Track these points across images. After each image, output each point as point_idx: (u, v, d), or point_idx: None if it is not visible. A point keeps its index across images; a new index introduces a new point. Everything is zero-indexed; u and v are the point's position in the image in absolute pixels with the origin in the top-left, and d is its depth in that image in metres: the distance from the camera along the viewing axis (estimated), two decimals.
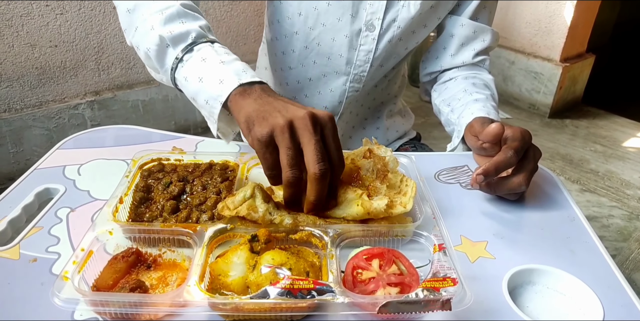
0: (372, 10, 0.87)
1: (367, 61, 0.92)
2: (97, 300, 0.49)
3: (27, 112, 1.88)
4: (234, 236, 0.59)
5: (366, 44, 0.90)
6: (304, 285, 0.48)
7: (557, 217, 0.71)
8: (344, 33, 0.89)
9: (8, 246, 0.60)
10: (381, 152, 0.71)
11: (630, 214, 1.97)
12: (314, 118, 0.58)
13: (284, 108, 0.60)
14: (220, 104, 0.66)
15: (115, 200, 0.62)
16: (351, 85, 0.95)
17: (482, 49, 0.96)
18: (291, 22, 0.90)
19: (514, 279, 0.58)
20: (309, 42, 0.91)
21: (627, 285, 0.59)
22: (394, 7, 0.87)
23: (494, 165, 0.66)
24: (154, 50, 0.72)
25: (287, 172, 0.57)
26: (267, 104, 0.62)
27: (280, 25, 0.92)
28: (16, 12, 1.73)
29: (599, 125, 2.67)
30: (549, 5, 2.53)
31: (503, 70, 2.81)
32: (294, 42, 0.92)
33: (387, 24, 0.88)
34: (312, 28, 0.90)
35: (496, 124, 0.71)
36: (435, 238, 0.58)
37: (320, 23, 0.89)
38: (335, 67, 0.94)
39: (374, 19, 0.87)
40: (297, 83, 0.98)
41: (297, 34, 0.91)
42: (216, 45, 0.72)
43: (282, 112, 0.59)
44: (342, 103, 0.98)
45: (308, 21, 0.89)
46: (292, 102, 0.62)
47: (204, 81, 0.68)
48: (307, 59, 0.94)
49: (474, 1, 0.92)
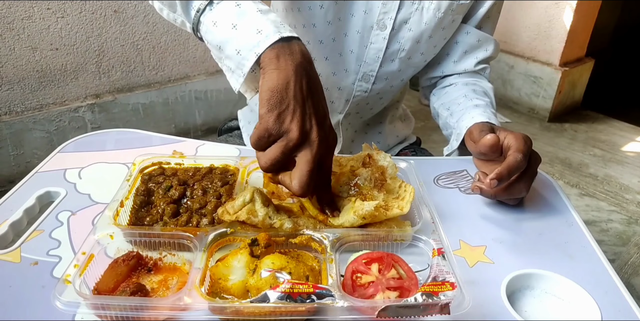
0: (385, 9, 0.87)
1: (377, 60, 0.92)
2: (98, 304, 0.49)
3: (28, 115, 1.89)
4: (234, 240, 0.59)
5: (377, 42, 0.90)
6: (303, 289, 0.48)
7: (556, 222, 0.71)
8: (356, 29, 0.89)
9: (9, 250, 0.61)
10: (381, 157, 0.71)
11: (629, 218, 1.97)
12: (322, 145, 0.58)
13: (307, 113, 0.58)
14: (256, 56, 0.59)
15: (116, 204, 0.63)
16: (359, 84, 0.95)
17: (484, 58, 0.97)
18: (312, 13, 0.87)
19: (512, 283, 0.58)
20: (326, 36, 0.90)
21: (624, 289, 0.59)
22: (407, 9, 0.87)
23: (506, 169, 0.67)
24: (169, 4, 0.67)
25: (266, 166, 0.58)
26: (296, 90, 0.58)
27: (300, 14, 0.89)
28: (17, 15, 1.74)
29: (598, 129, 2.68)
30: (548, 9, 2.54)
31: (502, 74, 2.82)
32: (310, 34, 0.90)
33: (398, 24, 0.88)
34: (330, 22, 0.88)
35: (491, 135, 0.72)
36: (434, 242, 0.58)
37: (337, 17, 0.88)
38: (346, 65, 0.93)
39: (385, 18, 0.87)
40: None
41: (314, 27, 0.89)
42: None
43: (303, 119, 0.57)
44: (349, 102, 0.98)
45: (328, 14, 0.87)
46: (317, 102, 0.60)
47: (239, 28, 0.61)
48: (320, 54, 0.92)
49: (481, 10, 0.93)
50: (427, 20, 0.88)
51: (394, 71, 0.94)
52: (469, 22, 0.94)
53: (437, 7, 0.86)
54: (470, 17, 0.94)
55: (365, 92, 0.96)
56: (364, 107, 1.01)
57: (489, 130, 0.77)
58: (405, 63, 0.94)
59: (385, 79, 0.95)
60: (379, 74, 0.94)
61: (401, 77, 0.97)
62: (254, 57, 0.60)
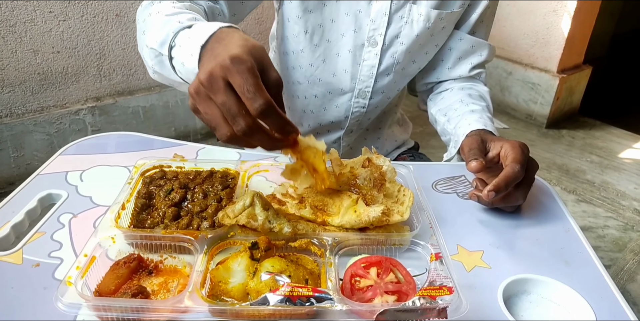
0: (374, 26, 0.88)
1: (371, 76, 0.93)
2: (99, 305, 0.50)
3: (29, 117, 1.89)
4: (234, 243, 0.60)
5: (369, 59, 0.91)
6: (303, 293, 0.48)
7: (552, 227, 0.72)
8: (347, 48, 0.91)
9: (11, 251, 0.61)
10: (380, 161, 0.72)
11: (625, 225, 1.98)
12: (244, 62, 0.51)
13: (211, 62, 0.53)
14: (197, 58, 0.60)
15: (118, 207, 0.63)
16: (356, 101, 0.96)
17: (479, 63, 0.97)
18: (297, 40, 0.91)
19: (509, 288, 0.59)
20: (315, 59, 0.93)
21: (619, 295, 0.60)
22: (396, 24, 0.88)
23: (504, 181, 0.67)
24: (156, 64, 0.70)
25: (233, 127, 0.52)
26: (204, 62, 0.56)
27: (288, 41, 0.93)
28: (20, 19, 1.75)
29: (595, 136, 2.69)
30: (546, 17, 2.56)
31: (500, 80, 2.84)
32: (300, 59, 0.93)
33: (389, 39, 0.89)
34: (317, 45, 0.91)
35: (475, 163, 0.71)
36: (432, 247, 0.59)
37: (325, 39, 0.90)
38: (340, 84, 0.95)
39: (376, 34, 0.89)
40: (305, 99, 0.99)
41: (302, 52, 0.92)
42: (193, 27, 0.66)
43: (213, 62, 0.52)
44: (348, 118, 0.99)
45: (314, 38, 0.90)
46: (227, 47, 0.55)
47: (185, 64, 0.63)
48: (313, 76, 0.95)
49: (473, 16, 0.93)
50: (418, 32, 0.88)
51: (389, 84, 0.96)
52: (461, 29, 0.95)
53: (427, 18, 0.87)
54: (462, 23, 0.94)
55: (363, 108, 0.98)
56: (363, 119, 1.03)
57: (478, 147, 0.75)
58: (399, 74, 0.95)
59: (382, 92, 0.97)
60: (375, 89, 0.95)
61: (397, 87, 0.99)
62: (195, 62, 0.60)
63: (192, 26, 0.66)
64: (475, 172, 0.73)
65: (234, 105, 0.51)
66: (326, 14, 0.88)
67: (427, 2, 0.86)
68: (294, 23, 0.89)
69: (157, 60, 0.70)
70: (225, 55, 0.52)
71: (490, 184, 0.67)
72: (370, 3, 0.86)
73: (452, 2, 0.88)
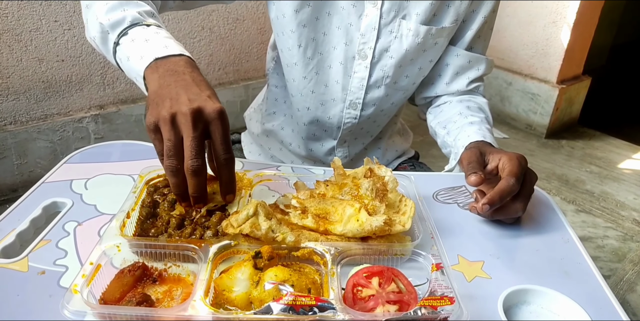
0: (364, 40, 0.90)
1: (361, 88, 0.94)
2: (104, 313, 0.50)
3: (32, 125, 1.91)
4: (237, 252, 0.61)
5: (359, 71, 0.93)
6: (306, 302, 0.49)
7: (552, 238, 0.73)
8: (339, 60, 0.93)
9: (17, 259, 0.62)
10: (382, 171, 0.73)
11: (624, 235, 1.98)
12: (197, 115, 0.61)
13: (175, 97, 0.62)
14: (142, 78, 0.69)
15: (123, 215, 0.64)
16: (348, 112, 0.98)
17: (477, 77, 0.98)
18: (291, 54, 0.93)
19: (509, 299, 0.59)
20: (307, 72, 0.94)
21: (619, 306, 0.60)
22: (385, 38, 0.90)
23: (498, 195, 0.67)
24: (98, 37, 0.76)
25: (165, 160, 0.61)
26: (166, 87, 0.64)
27: (282, 54, 0.95)
28: (26, 28, 1.77)
29: (594, 146, 2.70)
30: (546, 28, 2.59)
31: (500, 90, 2.86)
32: (293, 72, 0.95)
33: (379, 52, 0.91)
34: (310, 58, 0.93)
35: (474, 177, 0.71)
36: (433, 257, 0.60)
37: (318, 52, 0.92)
38: (332, 95, 0.96)
39: (365, 48, 0.90)
40: (297, 111, 1.01)
41: (296, 65, 0.94)
42: (152, 28, 0.73)
43: (172, 102, 0.61)
44: (340, 129, 1.01)
45: (307, 52, 0.92)
46: (190, 87, 0.64)
47: (130, 59, 0.71)
48: (306, 89, 0.96)
49: (469, 32, 0.93)
50: (407, 46, 0.90)
51: (381, 97, 0.96)
52: (458, 45, 0.95)
53: (416, 33, 0.88)
54: (458, 39, 0.95)
55: (355, 119, 0.99)
56: (359, 132, 1.04)
57: (477, 160, 0.75)
58: (391, 88, 0.96)
59: (373, 104, 0.97)
60: (366, 101, 0.96)
61: (390, 101, 0.99)
62: (141, 80, 0.70)
63: (150, 25, 0.74)
64: (474, 186, 0.73)
65: (175, 148, 0.60)
66: (319, 27, 0.90)
67: (417, 18, 0.87)
68: (287, 37, 0.91)
69: (101, 36, 0.76)
70: (185, 107, 0.60)
71: (485, 197, 0.68)
72: (360, 17, 0.88)
73: (443, 18, 0.89)
